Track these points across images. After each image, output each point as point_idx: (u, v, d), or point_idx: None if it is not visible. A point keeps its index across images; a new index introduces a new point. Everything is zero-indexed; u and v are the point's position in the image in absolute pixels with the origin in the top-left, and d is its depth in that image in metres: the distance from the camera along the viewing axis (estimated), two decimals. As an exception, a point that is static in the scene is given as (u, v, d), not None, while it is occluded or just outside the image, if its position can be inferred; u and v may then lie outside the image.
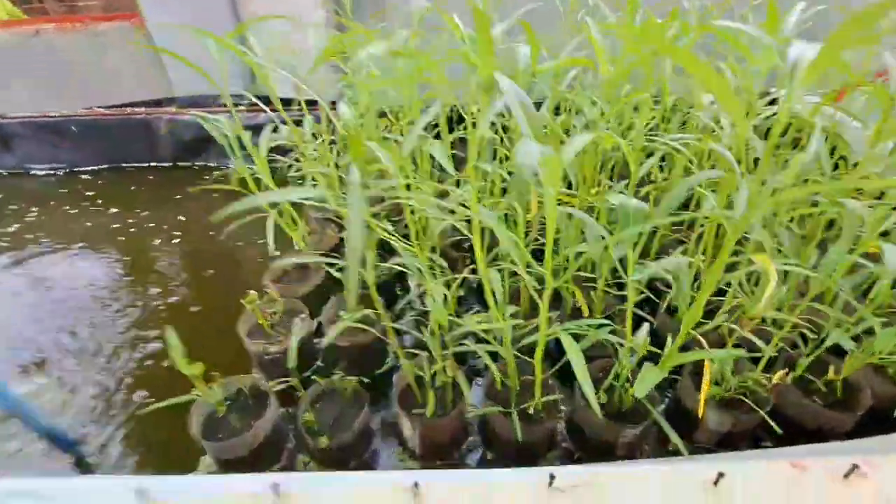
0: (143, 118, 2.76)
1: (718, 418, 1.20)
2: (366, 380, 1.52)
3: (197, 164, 3.09)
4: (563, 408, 1.40)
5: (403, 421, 1.25)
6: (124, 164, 3.05)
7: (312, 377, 1.53)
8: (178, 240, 2.38)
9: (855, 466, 0.88)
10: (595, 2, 1.63)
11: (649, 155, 1.45)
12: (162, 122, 2.75)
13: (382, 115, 2.03)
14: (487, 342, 1.19)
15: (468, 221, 1.07)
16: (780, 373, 1.22)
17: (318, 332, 1.70)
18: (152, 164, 3.03)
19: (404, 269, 1.21)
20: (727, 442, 1.25)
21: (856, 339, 1.20)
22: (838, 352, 1.31)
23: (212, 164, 3.11)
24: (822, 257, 1.04)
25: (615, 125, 1.43)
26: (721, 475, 0.87)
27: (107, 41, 2.66)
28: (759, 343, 1.10)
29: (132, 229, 2.45)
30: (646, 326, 1.01)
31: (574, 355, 0.84)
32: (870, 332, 1.25)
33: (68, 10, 2.92)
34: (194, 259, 2.26)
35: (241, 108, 2.66)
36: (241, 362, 1.54)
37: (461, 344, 1.19)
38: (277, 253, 1.70)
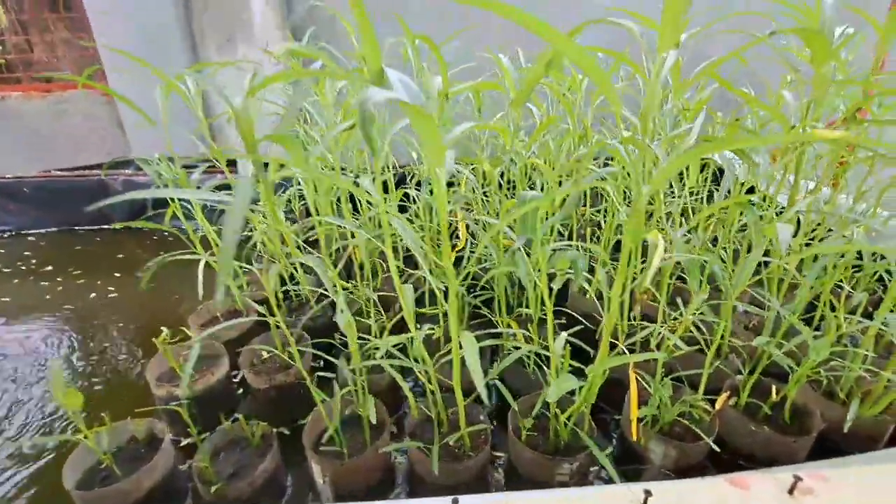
0: (97, 180, 2.77)
1: (661, 450, 1.09)
2: (286, 431, 1.38)
3: (151, 226, 3.06)
4: (499, 453, 1.27)
5: (314, 467, 1.10)
6: (77, 227, 2.99)
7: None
8: (113, 295, 2.27)
9: (797, 479, 0.79)
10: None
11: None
12: (117, 183, 2.76)
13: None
14: (411, 371, 1.10)
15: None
16: (723, 396, 1.14)
17: (243, 381, 1.57)
18: (105, 226, 2.98)
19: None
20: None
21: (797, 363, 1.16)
22: (783, 377, 1.26)
23: (165, 227, 3.08)
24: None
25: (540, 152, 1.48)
26: (648, 493, 0.76)
27: (70, 107, 2.75)
28: (680, 343, 1.03)
29: (59, 288, 2.33)
30: (563, 335, 0.95)
31: (468, 346, 0.76)
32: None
33: (44, 80, 3.05)
34: (125, 314, 2.13)
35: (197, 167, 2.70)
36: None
37: (389, 358, 1.09)
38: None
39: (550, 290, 0.99)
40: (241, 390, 1.54)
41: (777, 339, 1.10)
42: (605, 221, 1.96)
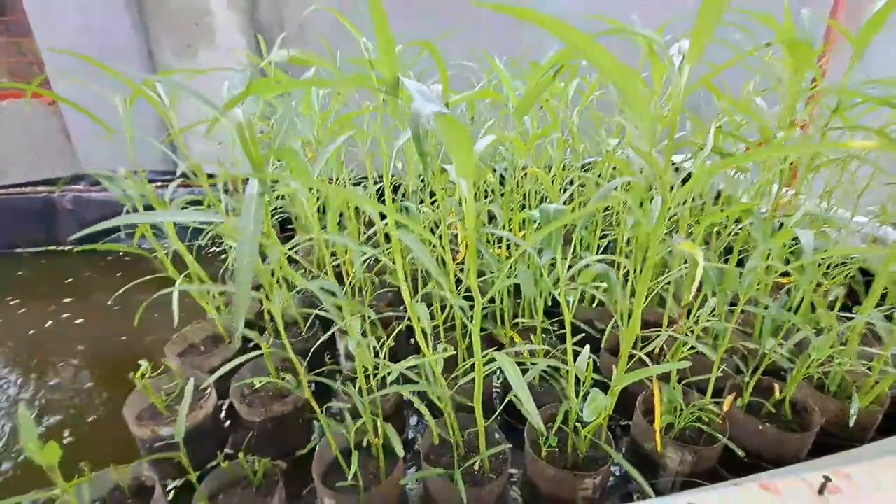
0: (43, 198, 2.53)
1: (679, 456, 1.10)
2: (282, 464, 1.29)
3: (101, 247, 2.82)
4: (513, 471, 1.25)
5: (326, 502, 1.03)
6: (18, 249, 2.72)
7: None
8: (63, 325, 2.07)
9: (826, 479, 0.80)
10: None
11: (565, 192, 1.50)
12: (65, 201, 2.53)
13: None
14: (424, 393, 1.05)
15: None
16: (729, 398, 1.17)
17: (230, 413, 1.46)
18: (50, 248, 2.73)
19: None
20: (691, 485, 1.13)
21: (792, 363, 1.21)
22: (772, 373, 1.31)
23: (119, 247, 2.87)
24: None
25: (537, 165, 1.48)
26: (691, 507, 0.76)
27: (7, 118, 2.49)
28: (705, 350, 1.04)
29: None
30: (586, 350, 0.94)
31: (509, 368, 0.73)
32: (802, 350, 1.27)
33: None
34: (78, 347, 1.94)
35: (158, 182, 2.53)
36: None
37: (394, 383, 1.04)
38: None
39: (568, 302, 0.98)
40: (227, 423, 1.44)
41: (778, 339, 1.14)
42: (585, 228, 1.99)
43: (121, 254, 2.85)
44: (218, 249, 2.73)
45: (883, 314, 1.21)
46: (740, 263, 1.65)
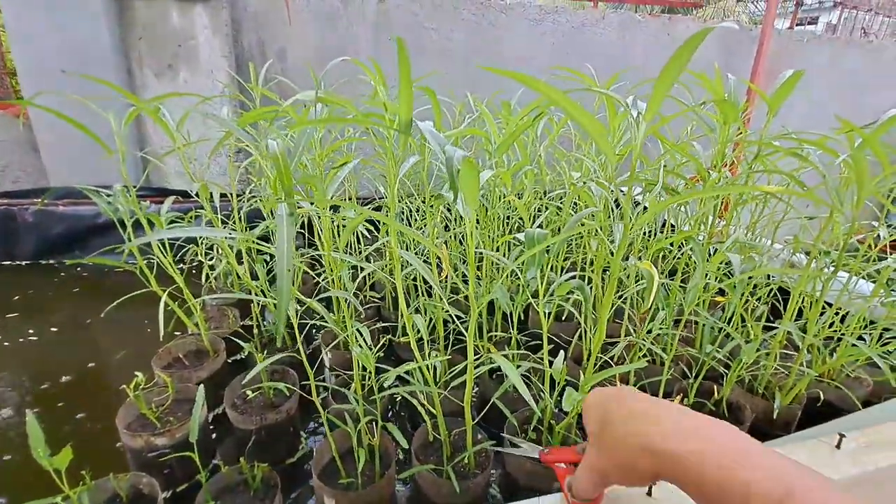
0: (3, 210, 2.43)
1: (636, 449, 1.26)
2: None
3: (65, 261, 2.74)
4: (493, 471, 1.36)
5: (326, 500, 1.10)
6: (-31, 265, 2.59)
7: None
8: (21, 341, 2.01)
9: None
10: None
11: (535, 219, 1.68)
12: (27, 214, 2.45)
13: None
14: (414, 396, 1.16)
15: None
16: (677, 399, 1.35)
17: (217, 423, 1.50)
18: (6, 262, 2.61)
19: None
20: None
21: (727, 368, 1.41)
22: (719, 382, 1.51)
23: (84, 262, 2.78)
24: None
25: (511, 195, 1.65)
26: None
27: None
28: (657, 351, 1.22)
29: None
30: (561, 355, 1.09)
31: (506, 365, 0.87)
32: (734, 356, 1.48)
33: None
34: (18, 367, 1.89)
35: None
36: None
37: (391, 387, 1.14)
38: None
39: (545, 314, 1.13)
40: (214, 434, 1.47)
41: (715, 346, 1.35)
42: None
43: (77, 269, 2.77)
44: (188, 266, 2.72)
45: (799, 327, 1.45)
46: (683, 282, 1.89)
